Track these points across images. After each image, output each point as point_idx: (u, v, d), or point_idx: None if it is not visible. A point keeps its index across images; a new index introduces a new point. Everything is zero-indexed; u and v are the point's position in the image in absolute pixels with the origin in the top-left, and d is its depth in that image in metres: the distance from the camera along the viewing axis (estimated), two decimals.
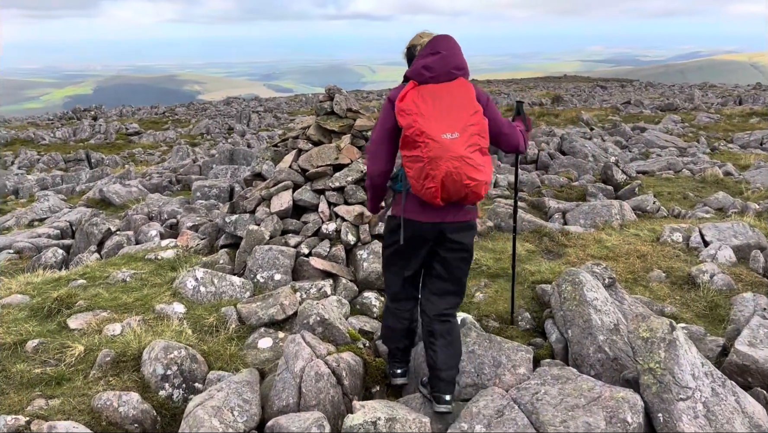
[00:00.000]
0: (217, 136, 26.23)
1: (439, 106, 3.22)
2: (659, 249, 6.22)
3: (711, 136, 18.05)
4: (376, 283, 5.51)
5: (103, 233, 7.13)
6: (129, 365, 4.12)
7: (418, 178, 3.23)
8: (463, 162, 3.16)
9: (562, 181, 10.45)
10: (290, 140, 7.05)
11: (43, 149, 22.39)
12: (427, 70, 3.29)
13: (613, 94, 42.71)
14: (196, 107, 45.89)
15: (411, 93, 3.26)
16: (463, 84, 3.33)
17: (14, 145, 23.55)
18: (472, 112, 3.25)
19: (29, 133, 25.83)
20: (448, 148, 3.14)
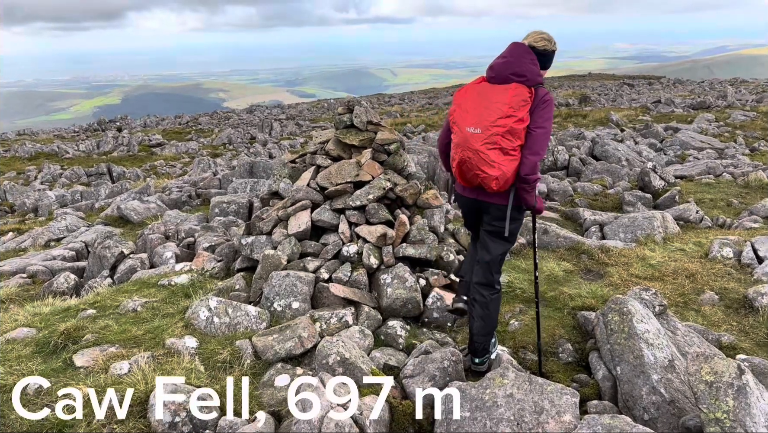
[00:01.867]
0: (239, 146, 26.13)
1: (477, 103, 3.66)
2: (709, 267, 5.72)
3: (748, 135, 17.29)
4: (401, 310, 5.11)
5: (116, 256, 6.87)
6: (135, 410, 3.79)
7: (451, 158, 3.85)
8: (477, 155, 3.59)
9: (596, 188, 9.94)
10: (308, 156, 6.71)
11: (66, 163, 22.49)
12: (491, 70, 3.75)
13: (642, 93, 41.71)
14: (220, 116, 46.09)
15: (468, 87, 3.79)
16: (511, 89, 3.60)
17: (38, 159, 23.71)
18: (504, 116, 3.53)
19: (54, 147, 26.02)
20: (468, 140, 3.61)
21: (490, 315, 4.04)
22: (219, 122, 40.73)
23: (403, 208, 6.09)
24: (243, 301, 5.24)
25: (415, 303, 5.13)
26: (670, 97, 30.14)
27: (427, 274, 5.49)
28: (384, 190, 5.87)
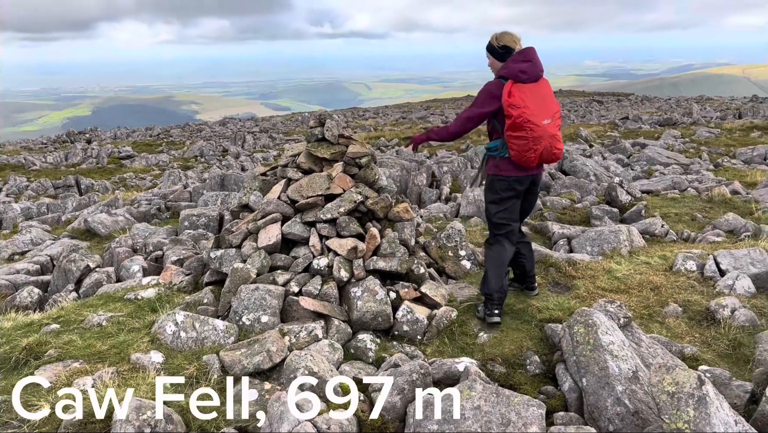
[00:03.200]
0: (211, 159, 25.89)
1: (538, 100, 4.62)
2: (673, 279, 5.84)
3: (713, 151, 17.75)
4: (371, 324, 5.11)
5: (81, 270, 6.74)
6: (98, 426, 3.71)
7: (521, 151, 4.69)
8: (554, 139, 4.70)
9: (565, 203, 10.09)
10: (279, 169, 6.68)
11: (33, 175, 22.00)
12: (523, 73, 4.62)
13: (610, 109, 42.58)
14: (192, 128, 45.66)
15: (514, 91, 4.58)
16: (547, 83, 4.80)
17: (4, 171, 23.14)
18: (556, 103, 4.81)
19: (20, 159, 25.45)
20: (546, 130, 4.62)
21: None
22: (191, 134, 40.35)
23: (374, 222, 6.11)
24: (211, 315, 5.18)
25: (385, 316, 5.13)
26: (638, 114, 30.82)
27: (397, 287, 5.50)
28: (355, 203, 5.88)
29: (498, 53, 4.88)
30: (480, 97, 4.82)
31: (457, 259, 6.62)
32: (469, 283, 6.08)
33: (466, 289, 5.88)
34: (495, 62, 4.93)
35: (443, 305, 5.41)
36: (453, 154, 18.76)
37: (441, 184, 12.79)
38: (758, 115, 28.56)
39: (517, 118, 4.54)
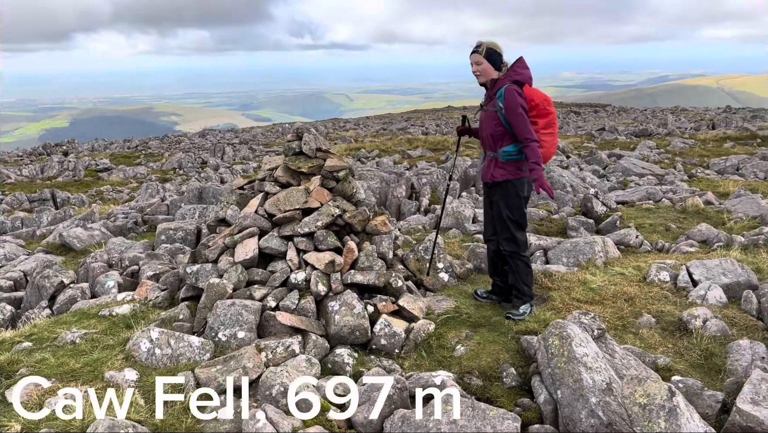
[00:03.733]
0: (189, 171, 25.70)
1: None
2: (647, 290, 5.92)
3: (687, 162, 18.07)
4: (348, 338, 5.10)
5: (55, 286, 6.64)
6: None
7: (550, 147, 5.24)
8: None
9: (542, 214, 10.20)
10: (257, 183, 6.67)
11: (8, 188, 21.64)
12: (531, 80, 5.19)
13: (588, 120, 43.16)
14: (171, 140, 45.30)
15: (536, 95, 5.16)
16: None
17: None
18: None
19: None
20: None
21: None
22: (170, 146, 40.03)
23: (352, 235, 6.11)
24: (186, 331, 5.13)
25: (362, 330, 5.13)
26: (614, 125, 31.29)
27: (375, 300, 5.51)
28: (332, 216, 5.89)
29: (497, 61, 5.17)
30: (521, 111, 5.00)
31: (435, 271, 6.64)
32: (447, 295, 6.11)
33: (444, 301, 5.90)
34: (490, 69, 5.18)
35: (421, 318, 5.43)
36: (432, 165, 18.86)
37: (420, 196, 12.85)
38: (731, 126, 29.16)
39: (551, 115, 5.17)
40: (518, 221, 5.34)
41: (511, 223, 5.33)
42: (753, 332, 5.05)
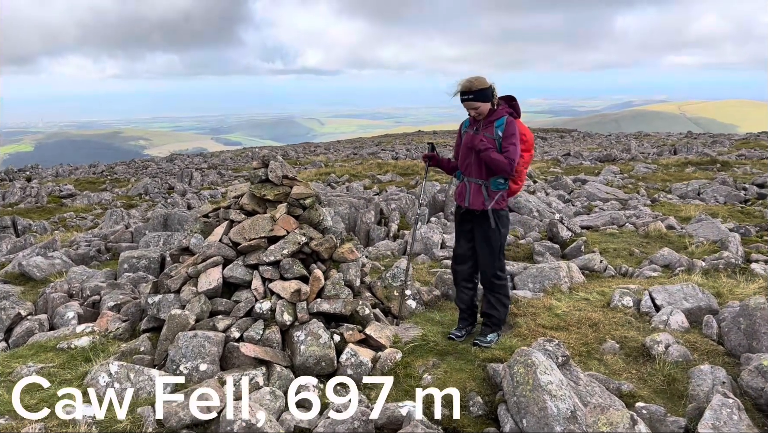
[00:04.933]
0: (156, 197, 25.32)
1: None
2: (610, 315, 5.99)
3: (650, 186, 18.48)
4: (314, 369, 5.04)
5: (12, 318, 6.42)
6: None
7: (522, 181, 5.52)
8: None
9: (510, 239, 10.28)
10: (222, 210, 6.60)
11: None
12: (520, 115, 5.34)
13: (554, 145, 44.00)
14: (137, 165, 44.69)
15: (527, 132, 5.37)
16: None
17: None
18: None
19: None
20: None
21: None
22: (136, 171, 39.49)
23: (319, 263, 6.07)
24: (147, 364, 5.00)
25: (328, 360, 5.07)
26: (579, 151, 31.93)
27: (341, 329, 5.46)
28: (299, 244, 5.85)
29: (489, 95, 5.21)
30: (515, 140, 5.12)
31: (402, 298, 6.62)
32: (414, 323, 6.09)
33: (412, 329, 5.88)
34: (486, 106, 5.22)
35: (388, 347, 5.39)
36: (402, 190, 18.94)
37: (389, 222, 12.86)
38: (692, 151, 29.99)
39: (531, 152, 5.38)
40: (502, 249, 5.42)
41: (496, 251, 5.37)
42: (714, 356, 5.13)
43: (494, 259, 5.38)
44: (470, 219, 5.44)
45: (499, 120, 5.15)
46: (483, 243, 5.38)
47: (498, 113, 5.21)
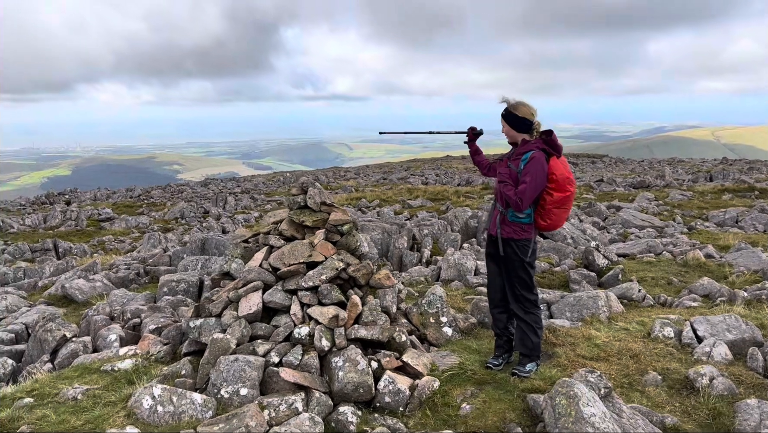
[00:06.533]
0: (191, 220, 25.81)
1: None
2: (651, 346, 5.89)
3: (686, 214, 18.18)
4: (352, 395, 5.06)
5: (57, 340, 6.60)
6: None
7: (559, 221, 5.30)
8: None
9: (544, 266, 10.21)
10: (261, 236, 6.72)
11: (10, 238, 21.68)
12: (559, 150, 5.16)
13: (585, 171, 43.60)
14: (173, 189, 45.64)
15: (558, 170, 5.11)
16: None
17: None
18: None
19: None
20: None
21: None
22: (172, 195, 40.32)
23: (356, 289, 6.13)
24: (189, 388, 5.09)
25: (366, 387, 5.08)
26: (612, 177, 31.59)
27: (379, 356, 5.47)
28: (337, 270, 5.92)
29: (517, 123, 5.21)
30: (534, 179, 5.03)
31: (438, 325, 6.63)
32: (450, 351, 6.07)
33: (448, 357, 5.86)
34: (512, 132, 5.27)
35: (425, 375, 5.39)
36: (433, 216, 18.96)
37: (422, 247, 12.88)
38: (728, 178, 29.44)
39: (568, 194, 5.14)
40: (524, 279, 5.35)
41: (517, 281, 5.36)
42: (760, 390, 5.00)
43: (513, 286, 5.38)
44: (492, 243, 5.51)
45: (525, 154, 5.16)
46: (504, 270, 5.45)
47: (528, 146, 5.19)
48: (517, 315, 5.46)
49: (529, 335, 5.38)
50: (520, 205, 5.11)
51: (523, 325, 5.42)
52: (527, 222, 5.27)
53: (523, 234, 5.27)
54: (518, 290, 5.37)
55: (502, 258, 5.43)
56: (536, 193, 5.11)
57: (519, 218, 5.25)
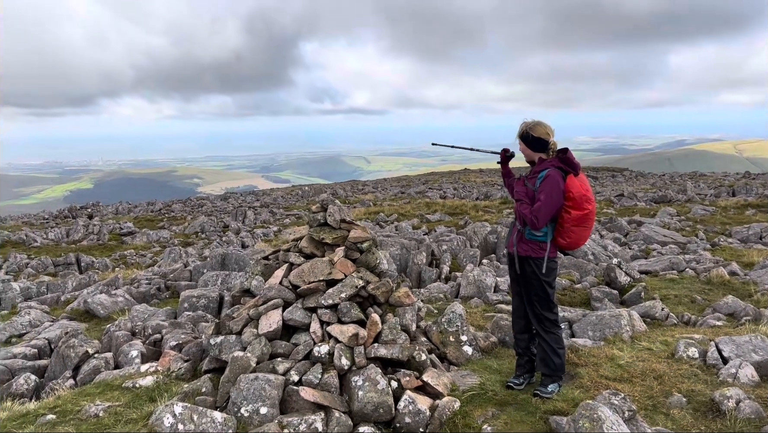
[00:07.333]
0: (211, 235, 26.03)
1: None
2: (675, 367, 5.79)
3: (709, 229, 17.92)
4: (372, 415, 5.03)
5: (80, 356, 6.67)
6: None
7: (580, 240, 5.25)
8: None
9: (564, 283, 10.11)
10: (281, 253, 6.75)
11: (33, 252, 22.05)
12: (576, 169, 5.13)
13: (605, 185, 43.24)
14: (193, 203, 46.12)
15: (575, 188, 5.07)
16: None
17: (5, 247, 23.22)
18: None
19: (22, 235, 25.57)
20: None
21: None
22: (192, 209, 40.73)
23: (375, 306, 6.12)
24: (209, 406, 5.11)
25: (386, 407, 5.06)
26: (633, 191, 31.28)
27: (399, 375, 5.44)
28: (356, 288, 5.92)
29: (533, 143, 5.24)
30: (550, 197, 5.05)
31: (458, 344, 6.58)
32: (471, 371, 6.02)
33: (469, 377, 5.82)
34: (529, 151, 5.31)
35: (446, 395, 5.34)
36: (452, 231, 18.91)
37: (441, 263, 12.84)
38: (752, 193, 28.99)
39: (586, 211, 5.11)
40: (544, 298, 5.31)
41: (536, 300, 5.32)
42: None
43: (533, 305, 5.36)
44: (512, 262, 5.51)
45: (542, 172, 5.19)
46: (523, 287, 5.45)
47: (544, 165, 5.23)
48: (538, 334, 5.42)
49: (550, 355, 5.32)
50: (536, 224, 5.12)
51: (544, 344, 5.37)
52: (544, 240, 5.25)
53: (540, 252, 5.26)
54: (538, 308, 5.34)
55: (521, 276, 5.41)
56: (552, 212, 5.11)
57: (536, 236, 5.25)
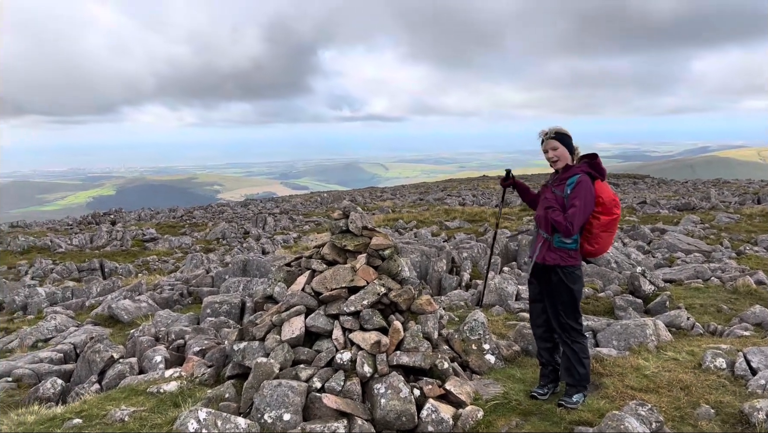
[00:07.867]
0: (232, 241, 26.25)
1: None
2: (703, 378, 5.69)
3: (734, 238, 17.63)
4: (395, 423, 5.02)
5: (105, 361, 6.75)
6: None
7: (606, 245, 5.27)
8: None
9: (588, 292, 10.01)
10: (304, 260, 6.79)
11: (58, 258, 22.43)
12: (604, 174, 5.24)
13: (627, 192, 42.78)
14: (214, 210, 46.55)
15: (605, 193, 5.11)
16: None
17: (30, 253, 23.65)
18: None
19: (47, 241, 26.02)
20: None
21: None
22: (213, 216, 41.11)
23: (397, 314, 6.11)
24: (233, 412, 5.13)
25: (409, 416, 5.04)
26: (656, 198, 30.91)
27: (421, 383, 5.43)
28: (378, 295, 5.92)
29: (570, 144, 5.26)
30: (583, 202, 5.01)
31: (480, 353, 6.55)
32: (494, 379, 5.99)
33: (491, 386, 5.78)
34: (566, 152, 5.26)
35: (469, 404, 5.31)
36: (471, 238, 18.84)
37: (461, 271, 12.79)
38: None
39: (614, 216, 5.15)
40: (570, 307, 5.26)
41: (562, 309, 5.27)
42: None
43: (558, 314, 5.29)
44: (536, 271, 5.42)
45: (571, 178, 5.12)
46: (548, 297, 5.37)
47: (572, 171, 5.18)
48: (563, 343, 5.36)
49: (575, 364, 5.26)
50: (570, 230, 5.04)
51: (569, 354, 5.31)
52: (573, 248, 5.19)
53: (569, 260, 5.20)
54: (563, 318, 5.28)
55: (546, 285, 5.35)
56: (586, 218, 5.08)
57: (565, 244, 5.17)
